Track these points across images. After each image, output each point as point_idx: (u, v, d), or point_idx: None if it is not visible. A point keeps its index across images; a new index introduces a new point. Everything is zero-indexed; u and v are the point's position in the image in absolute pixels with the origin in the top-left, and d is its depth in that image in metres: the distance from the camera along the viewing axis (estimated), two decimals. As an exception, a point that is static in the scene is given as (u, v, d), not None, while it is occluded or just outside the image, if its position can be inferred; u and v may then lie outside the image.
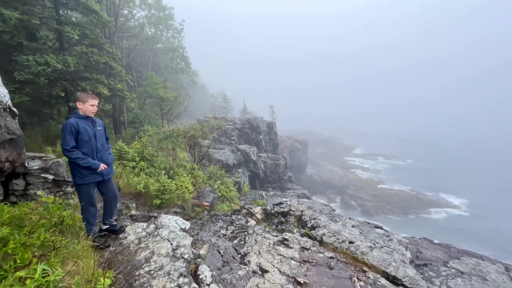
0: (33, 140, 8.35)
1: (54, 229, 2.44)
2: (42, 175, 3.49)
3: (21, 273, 1.57)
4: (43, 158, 3.82)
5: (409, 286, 3.22)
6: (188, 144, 11.96)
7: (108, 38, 15.13)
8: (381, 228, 5.12)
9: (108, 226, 3.48)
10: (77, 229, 2.81)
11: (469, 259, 4.11)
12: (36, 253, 2.06)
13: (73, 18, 12.75)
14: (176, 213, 6.07)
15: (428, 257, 4.19)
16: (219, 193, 10.54)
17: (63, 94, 9.08)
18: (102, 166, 3.09)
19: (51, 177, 3.57)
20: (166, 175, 7.83)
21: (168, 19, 31.09)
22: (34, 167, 3.49)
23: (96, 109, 3.10)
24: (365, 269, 3.52)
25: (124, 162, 8.05)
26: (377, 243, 4.16)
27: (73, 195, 3.81)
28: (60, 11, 9.49)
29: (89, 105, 3.00)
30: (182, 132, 11.59)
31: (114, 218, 3.61)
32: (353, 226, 4.85)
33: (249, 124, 27.12)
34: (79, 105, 3.00)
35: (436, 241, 5.02)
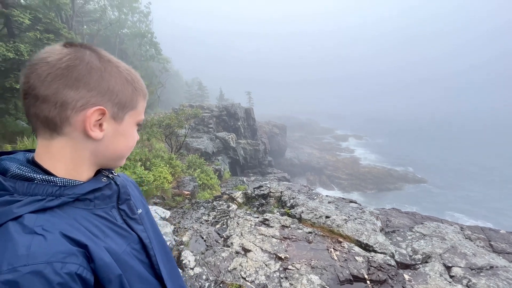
0: (-12, 138, 7.62)
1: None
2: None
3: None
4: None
5: (379, 251, 3.52)
6: (164, 134, 11.61)
7: (65, 23, 13.78)
8: (355, 202, 5.46)
9: None
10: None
11: (430, 223, 4.56)
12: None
13: (22, 0, 11.40)
14: (156, 204, 5.98)
15: (396, 225, 4.58)
16: (199, 182, 10.48)
17: (17, 86, 8.27)
18: None
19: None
20: (143, 167, 7.60)
21: (132, 1, 28.88)
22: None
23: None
24: (341, 240, 3.78)
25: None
26: (351, 215, 4.45)
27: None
28: (5, -8, 8.43)
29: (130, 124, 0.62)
30: (156, 121, 11.19)
31: None
32: (329, 202, 5.12)
33: (227, 111, 26.74)
34: (89, 118, 0.53)
35: (403, 210, 5.48)
